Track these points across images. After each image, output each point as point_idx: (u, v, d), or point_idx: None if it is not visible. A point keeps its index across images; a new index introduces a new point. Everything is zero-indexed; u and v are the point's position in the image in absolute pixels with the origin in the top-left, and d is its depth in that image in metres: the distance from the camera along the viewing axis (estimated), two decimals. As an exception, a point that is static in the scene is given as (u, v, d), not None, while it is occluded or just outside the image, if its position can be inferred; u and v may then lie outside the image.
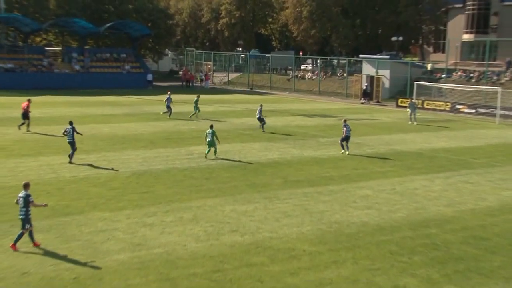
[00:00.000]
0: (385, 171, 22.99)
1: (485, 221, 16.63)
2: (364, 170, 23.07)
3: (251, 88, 64.27)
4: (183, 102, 47.09)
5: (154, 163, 23.23)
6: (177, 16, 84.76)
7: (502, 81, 47.35)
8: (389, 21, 70.84)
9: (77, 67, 59.60)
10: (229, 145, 27.73)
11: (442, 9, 73.36)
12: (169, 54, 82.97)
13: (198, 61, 74.77)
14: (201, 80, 65.64)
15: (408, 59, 74.30)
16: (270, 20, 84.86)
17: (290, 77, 64.91)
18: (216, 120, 36.54)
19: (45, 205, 14.46)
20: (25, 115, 29.99)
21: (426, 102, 45.87)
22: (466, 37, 75.90)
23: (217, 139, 24.45)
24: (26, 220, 13.49)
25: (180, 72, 67.93)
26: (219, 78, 71.47)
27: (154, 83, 62.74)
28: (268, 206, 17.52)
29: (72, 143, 22.89)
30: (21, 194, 13.66)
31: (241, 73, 71.31)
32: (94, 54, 62.93)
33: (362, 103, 50.87)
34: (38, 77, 56.03)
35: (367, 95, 51.79)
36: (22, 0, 63.06)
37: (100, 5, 67.05)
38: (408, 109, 39.33)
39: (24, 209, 13.49)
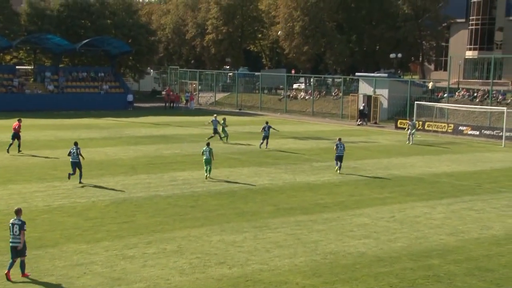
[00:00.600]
0: (383, 197, 23.23)
1: (491, 251, 16.85)
2: (361, 197, 23.30)
3: (239, 109, 64.66)
4: (166, 124, 47.33)
5: (134, 190, 23.32)
6: (160, 32, 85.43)
7: (508, 101, 48.09)
8: (387, 37, 71.91)
9: (50, 87, 59.73)
10: (217, 170, 27.87)
11: (444, 24, 74.72)
12: (151, 73, 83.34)
13: (183, 80, 75.19)
14: (186, 100, 65.96)
15: (407, 78, 75.29)
16: (259, 36, 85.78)
17: (282, 97, 65.43)
18: (202, 143, 36.65)
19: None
20: (16, 135, 31.51)
21: (427, 123, 46.43)
22: (470, 53, 77.17)
23: (213, 157, 26.02)
24: (25, 248, 14.17)
25: (163, 92, 68.22)
26: (205, 98, 71.84)
27: (135, 104, 62.98)
28: (258, 236, 17.65)
29: (77, 164, 24.21)
30: (16, 221, 14.24)
31: (229, 93, 71.73)
32: (69, 73, 63.15)
33: (358, 125, 51.36)
34: (8, 98, 56.08)
35: (364, 116, 52.31)
36: (-10, 16, 63.42)
37: (76, 20, 67.50)
38: (407, 129, 40.38)
39: (19, 237, 14.08)
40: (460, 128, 45.02)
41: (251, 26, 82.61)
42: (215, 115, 39.40)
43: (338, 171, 27.96)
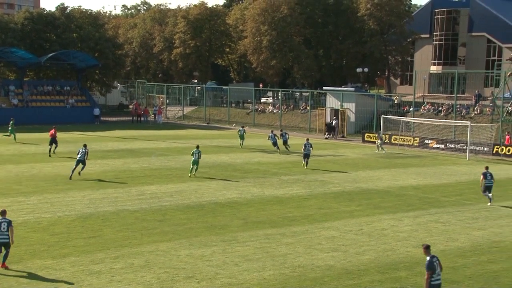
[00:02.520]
0: (351, 210, 23.46)
1: (456, 263, 17.15)
2: (329, 210, 23.48)
3: (207, 123, 64.62)
4: (133, 138, 47.02)
5: (101, 204, 23.08)
6: (127, 45, 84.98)
7: (472, 115, 49.16)
8: (354, 52, 72.94)
9: (15, 101, 58.80)
10: (185, 184, 27.80)
11: (409, 39, 76.06)
12: (118, 87, 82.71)
13: (150, 94, 74.85)
14: (154, 114, 65.65)
15: (374, 92, 76.36)
16: (227, 50, 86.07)
17: (250, 110, 65.64)
18: (171, 156, 36.61)
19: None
20: (53, 140, 36.86)
21: (394, 136, 47.10)
22: (434, 68, 78.76)
23: (200, 158, 29.86)
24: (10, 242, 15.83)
25: (131, 106, 67.76)
26: (173, 112, 71.60)
27: (102, 118, 62.42)
28: (226, 250, 17.62)
29: (82, 161, 28.43)
30: (2, 220, 15.83)
31: (197, 107, 71.66)
32: (34, 86, 62.30)
33: (326, 138, 51.81)
34: (-29, 112, 54.97)
35: (331, 129, 52.81)
36: (-49, 29, 62.24)
37: (41, 33, 66.71)
38: (377, 141, 42.79)
39: (7, 233, 15.73)
40: (426, 141, 45.78)
41: (219, 40, 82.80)
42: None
43: (305, 167, 32.98)
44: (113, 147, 41.58)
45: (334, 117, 53.65)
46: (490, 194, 25.16)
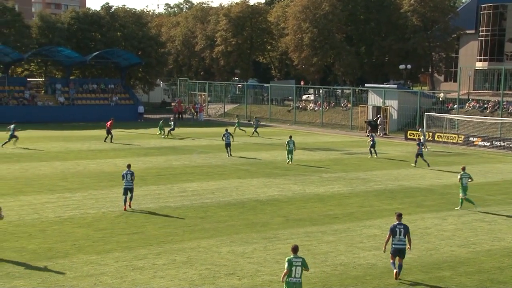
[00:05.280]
0: (393, 208, 23.12)
1: (503, 263, 16.73)
2: (371, 208, 23.22)
3: (248, 120, 64.76)
4: (176, 135, 47.47)
5: (144, 201, 23.37)
6: (169, 44, 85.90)
7: (519, 111, 47.92)
8: (396, 48, 71.87)
9: (61, 99, 60.15)
10: (226, 182, 27.92)
11: (453, 35, 74.50)
12: (161, 85, 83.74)
13: (192, 92, 75.47)
14: (196, 112, 66.17)
15: (417, 89, 75.15)
16: (269, 47, 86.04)
17: (291, 108, 65.47)
18: (212, 154, 36.82)
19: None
20: (108, 131, 41.62)
21: (437, 134, 46.28)
22: (480, 65, 76.92)
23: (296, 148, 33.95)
24: None
25: (173, 104, 68.45)
26: (214, 109, 72.04)
27: (145, 116, 63.25)
28: (267, 247, 17.61)
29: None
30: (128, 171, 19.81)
31: (238, 104, 71.89)
32: (79, 85, 63.60)
33: (367, 136, 51.23)
34: (19, 110, 56.47)
35: (373, 127, 52.21)
36: (2, 29, 63.95)
37: (86, 33, 68.04)
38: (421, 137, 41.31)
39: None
40: (471, 139, 44.82)
41: (260, 37, 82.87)
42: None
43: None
44: (156, 144, 42.08)
45: (378, 115, 52.98)
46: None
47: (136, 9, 78.81)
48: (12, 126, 38.87)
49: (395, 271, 15.23)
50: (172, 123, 47.63)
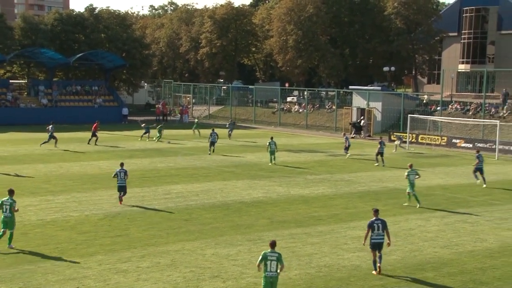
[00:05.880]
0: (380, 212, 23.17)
1: (485, 264, 16.86)
2: (355, 209, 23.30)
3: (233, 122, 64.66)
4: (161, 137, 47.28)
5: (128, 203, 23.24)
6: (154, 45, 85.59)
7: (501, 114, 48.33)
8: (380, 50, 72.24)
9: (44, 101, 59.67)
10: (211, 184, 27.87)
11: (436, 38, 75.06)
12: (145, 86, 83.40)
13: (177, 94, 75.24)
14: (180, 114, 65.98)
15: (401, 91, 75.59)
16: (253, 49, 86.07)
17: (276, 110, 65.53)
18: (196, 156, 36.73)
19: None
20: (93, 133, 41.43)
21: (421, 136, 46.56)
22: (462, 67, 77.57)
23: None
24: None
25: (158, 106, 68.24)
26: (199, 111, 71.89)
27: (129, 117, 62.94)
28: (252, 249, 17.59)
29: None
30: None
31: (223, 106, 71.81)
32: (63, 87, 63.12)
33: (352, 138, 51.44)
34: (2, 112, 55.92)
35: (357, 129, 52.43)
36: (-17, 30, 63.35)
37: (70, 34, 67.56)
38: (396, 141, 42.83)
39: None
40: (454, 141, 45.15)
41: (245, 39, 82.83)
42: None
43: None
44: (140, 146, 41.89)
45: (362, 117, 53.21)
46: (482, 176, 28.72)
47: (121, 11, 78.43)
48: (50, 126, 39.59)
49: (375, 271, 15.76)
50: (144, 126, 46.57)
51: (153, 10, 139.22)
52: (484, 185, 28.74)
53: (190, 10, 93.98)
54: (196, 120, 53.76)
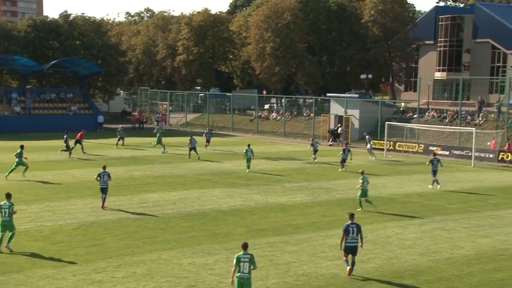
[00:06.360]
0: (355, 218, 23.28)
1: (462, 271, 17.02)
2: (334, 217, 23.36)
3: (211, 130, 64.54)
4: (137, 145, 47.02)
5: (103, 213, 23.03)
6: (130, 52, 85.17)
7: (477, 121, 48.99)
8: (358, 58, 72.89)
9: (17, 109, 58.93)
10: (187, 192, 27.75)
11: (413, 46, 76.00)
12: (121, 94, 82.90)
13: (153, 101, 74.90)
14: (157, 121, 65.68)
15: (378, 98, 76.26)
16: (231, 56, 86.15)
17: (253, 117, 65.60)
18: (173, 164, 36.56)
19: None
20: (78, 141, 41.41)
21: (398, 143, 46.97)
22: (438, 75, 78.67)
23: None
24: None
25: (135, 113, 67.85)
26: (176, 119, 71.64)
27: (105, 125, 62.46)
28: (230, 258, 17.49)
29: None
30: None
31: (200, 114, 71.69)
32: (37, 94, 62.43)
33: (330, 145, 51.71)
34: (-26, 120, 55.12)
35: (335, 136, 52.70)
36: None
37: (44, 41, 66.90)
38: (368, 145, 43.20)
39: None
40: (430, 148, 45.59)
41: (222, 47, 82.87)
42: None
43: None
44: (116, 154, 41.58)
45: (339, 124, 53.53)
46: (435, 178, 30.14)
47: (96, 18, 77.88)
48: (65, 136, 40.20)
49: (348, 267, 16.25)
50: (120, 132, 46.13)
51: (129, 17, 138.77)
52: (439, 186, 30.09)
53: (166, 17, 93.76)
54: (156, 129, 52.28)
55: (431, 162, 30.66)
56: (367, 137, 43.83)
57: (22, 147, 31.53)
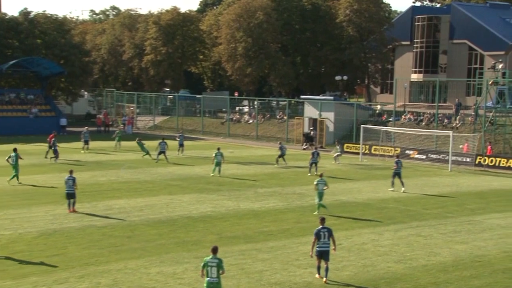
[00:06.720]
0: (330, 224, 23.37)
1: (439, 278, 17.24)
2: (307, 224, 23.46)
3: (178, 134, 64.32)
4: (102, 149, 46.64)
5: (66, 220, 22.79)
6: (94, 52, 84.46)
7: (454, 124, 49.74)
8: (333, 59, 73.46)
9: (-26, 111, 58.02)
10: (155, 198, 27.61)
11: (389, 47, 76.91)
12: (85, 96, 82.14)
13: (120, 103, 74.36)
14: (123, 124, 65.24)
15: (353, 100, 76.97)
16: (201, 57, 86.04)
17: (224, 120, 65.60)
18: (140, 169, 36.34)
19: None
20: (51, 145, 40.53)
21: (374, 147, 47.42)
22: (415, 76, 79.70)
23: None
24: None
25: (100, 116, 67.27)
26: (143, 122, 71.24)
27: (68, 129, 61.79)
28: (199, 267, 17.42)
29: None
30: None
31: (169, 117, 71.43)
32: (-5, 95, 61.54)
33: (304, 149, 51.96)
34: None
35: (309, 139, 52.98)
36: None
37: (2, 39, 65.92)
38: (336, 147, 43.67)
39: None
40: (407, 152, 46.15)
41: (192, 47, 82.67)
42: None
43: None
44: (80, 159, 41.19)
45: (312, 127, 53.85)
46: (397, 180, 31.10)
47: (58, 15, 76.90)
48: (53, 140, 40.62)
49: (318, 276, 16.63)
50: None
51: (94, 15, 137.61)
52: (403, 189, 30.91)
53: (133, 15, 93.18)
54: (117, 131, 51.68)
55: (395, 164, 31.58)
56: (337, 147, 43.73)
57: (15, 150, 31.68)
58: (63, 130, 60.44)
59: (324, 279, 16.44)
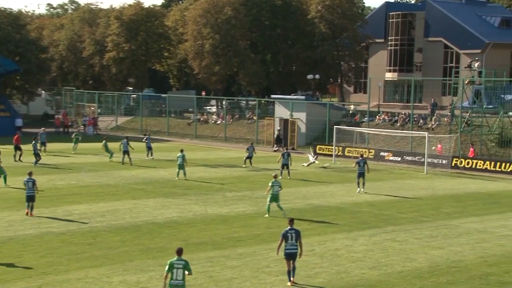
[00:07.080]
0: (302, 229, 23.41)
1: (414, 285, 17.45)
2: (278, 229, 23.37)
3: (144, 134, 63.98)
4: (61, 152, 46.13)
5: (22, 227, 22.50)
6: (52, 48, 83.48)
7: (429, 125, 50.39)
8: (304, 57, 73.75)
9: None
10: (118, 203, 27.42)
11: (362, 44, 77.56)
12: (43, 95, 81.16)
13: (80, 103, 73.63)
14: (84, 125, 64.62)
15: (326, 100, 77.43)
16: (166, 54, 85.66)
17: (191, 121, 65.44)
18: (102, 172, 36.03)
19: None
20: (17, 147, 41.16)
21: (348, 148, 47.77)
22: (389, 75, 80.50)
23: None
24: None
25: (58, 116, 66.49)
26: (105, 122, 70.64)
27: (24, 130, 60.87)
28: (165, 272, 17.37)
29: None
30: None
31: (133, 117, 70.99)
32: None
33: (275, 151, 52.10)
34: None
35: (280, 141, 53.14)
36: None
37: (-48, 34, 64.95)
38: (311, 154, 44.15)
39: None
40: (381, 153, 46.62)
41: (156, 43, 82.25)
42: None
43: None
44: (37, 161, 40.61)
45: (279, 128, 54.03)
46: (363, 181, 31.89)
47: (13, 9, 76.22)
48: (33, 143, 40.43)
49: (289, 283, 16.78)
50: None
51: (51, 9, 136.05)
52: (363, 190, 31.85)
53: (94, 9, 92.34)
54: (75, 132, 52.16)
55: (357, 164, 32.40)
56: (311, 155, 44.06)
57: None
58: (18, 131, 59.56)
59: (292, 278, 16.71)
